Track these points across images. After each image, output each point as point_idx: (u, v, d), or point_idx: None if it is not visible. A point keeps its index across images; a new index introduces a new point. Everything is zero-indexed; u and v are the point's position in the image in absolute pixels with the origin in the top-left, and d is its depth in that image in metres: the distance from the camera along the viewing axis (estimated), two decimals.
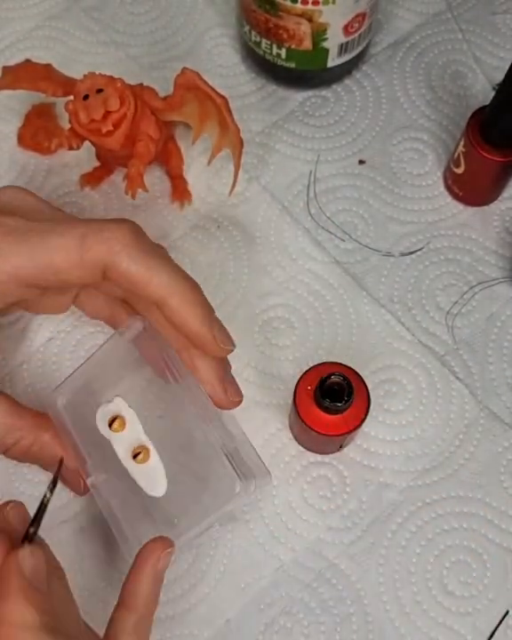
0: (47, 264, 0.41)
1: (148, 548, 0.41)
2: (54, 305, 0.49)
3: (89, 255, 0.41)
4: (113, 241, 0.41)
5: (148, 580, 0.41)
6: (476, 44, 0.62)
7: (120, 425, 0.44)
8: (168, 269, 0.42)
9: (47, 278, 0.42)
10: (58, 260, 0.41)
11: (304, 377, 0.46)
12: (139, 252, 0.41)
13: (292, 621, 0.48)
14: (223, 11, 0.62)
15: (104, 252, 0.41)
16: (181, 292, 0.41)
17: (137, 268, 0.41)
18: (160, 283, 0.41)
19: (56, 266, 0.41)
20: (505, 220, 0.57)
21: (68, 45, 0.61)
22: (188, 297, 0.42)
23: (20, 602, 0.36)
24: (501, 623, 0.48)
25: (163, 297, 0.41)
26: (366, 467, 0.51)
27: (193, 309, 0.42)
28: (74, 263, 0.41)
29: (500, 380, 0.53)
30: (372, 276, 0.55)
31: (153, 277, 0.41)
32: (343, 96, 0.60)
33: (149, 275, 0.41)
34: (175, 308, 0.41)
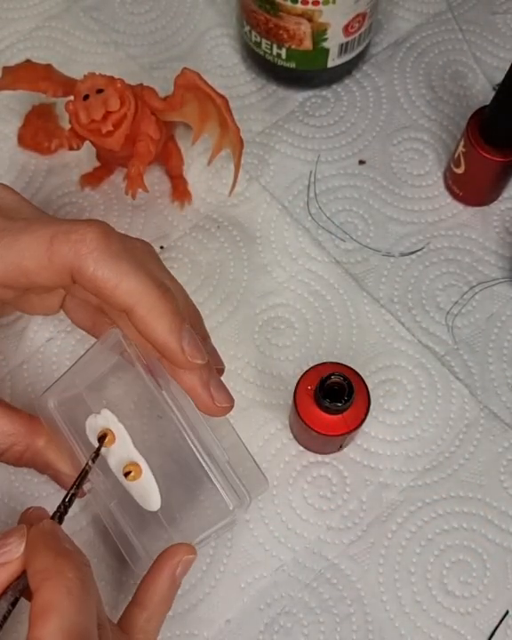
0: (16, 265, 0.40)
1: (169, 551, 0.41)
2: (43, 305, 0.48)
3: (56, 258, 0.39)
4: (80, 244, 0.39)
5: (165, 583, 0.41)
6: (476, 44, 0.62)
7: (110, 440, 0.43)
8: (137, 275, 0.39)
9: (18, 279, 0.41)
10: (27, 261, 0.40)
11: (304, 377, 0.46)
12: (106, 257, 0.39)
13: (291, 621, 0.48)
14: (223, 11, 0.62)
15: (71, 256, 0.39)
16: (150, 300, 0.39)
17: (103, 272, 0.39)
18: (127, 290, 0.39)
19: (25, 267, 0.40)
20: (505, 220, 0.57)
21: (67, 45, 0.61)
22: (156, 306, 0.39)
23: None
24: (501, 623, 0.48)
25: (129, 304, 0.39)
26: (366, 467, 0.51)
27: (161, 319, 0.39)
28: (42, 265, 0.40)
29: (500, 380, 0.53)
30: (373, 277, 0.55)
31: (121, 283, 0.39)
32: (343, 96, 0.60)
33: (117, 280, 0.39)
34: (142, 316, 0.39)
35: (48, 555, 0.36)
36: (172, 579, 0.41)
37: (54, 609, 0.34)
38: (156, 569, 0.41)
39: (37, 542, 0.36)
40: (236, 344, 0.53)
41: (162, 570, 0.41)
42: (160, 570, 0.41)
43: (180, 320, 0.40)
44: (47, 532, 0.37)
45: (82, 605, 0.34)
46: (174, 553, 0.41)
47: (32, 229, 0.40)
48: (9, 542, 0.36)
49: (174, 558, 0.41)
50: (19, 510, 0.49)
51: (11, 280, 0.41)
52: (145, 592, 0.41)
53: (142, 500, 0.43)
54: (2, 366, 0.53)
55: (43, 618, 0.33)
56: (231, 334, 0.53)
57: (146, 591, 0.41)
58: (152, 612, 0.41)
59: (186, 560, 0.41)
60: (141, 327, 0.40)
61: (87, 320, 0.48)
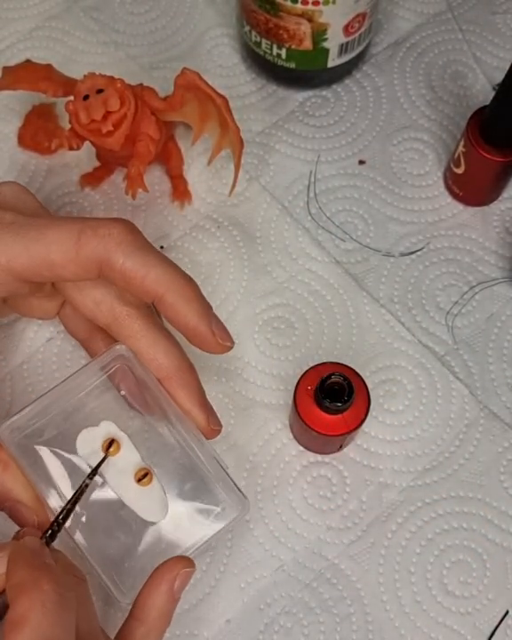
0: (43, 258, 0.41)
1: (166, 565, 0.40)
2: (41, 309, 0.48)
3: (84, 251, 0.41)
4: (108, 237, 0.41)
5: (162, 597, 0.40)
6: (476, 44, 0.62)
7: (117, 448, 0.43)
8: (164, 265, 0.41)
9: (42, 273, 0.41)
10: (54, 254, 0.41)
11: (304, 377, 0.46)
12: (134, 249, 0.41)
13: (291, 621, 0.48)
14: (223, 11, 0.62)
15: (100, 249, 0.41)
16: (178, 287, 0.41)
17: (132, 263, 0.41)
18: (156, 278, 0.41)
19: (51, 260, 0.41)
20: (505, 220, 0.57)
21: (68, 45, 0.61)
22: (184, 292, 0.41)
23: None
24: (501, 623, 0.48)
25: (159, 292, 0.41)
26: (366, 467, 0.51)
27: (190, 304, 0.41)
28: (69, 258, 0.41)
29: (500, 380, 0.53)
30: (372, 276, 0.55)
31: (149, 273, 0.41)
32: (343, 96, 0.60)
33: (145, 270, 0.41)
34: (172, 304, 0.41)
35: (25, 569, 0.35)
36: (169, 593, 0.40)
37: (27, 622, 0.33)
38: (153, 583, 0.40)
39: (17, 558, 0.36)
40: (236, 344, 0.53)
41: (159, 584, 0.40)
42: (157, 584, 0.40)
43: (207, 305, 0.42)
44: (27, 548, 0.37)
45: (57, 619, 0.33)
46: (172, 566, 0.40)
47: (58, 224, 0.41)
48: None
49: (172, 572, 0.40)
50: None
51: (34, 273, 0.42)
52: (142, 607, 0.40)
53: (146, 510, 0.42)
54: (2, 366, 0.53)
55: (15, 631, 0.33)
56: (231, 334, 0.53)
57: (143, 606, 0.40)
58: (150, 626, 0.40)
59: (184, 573, 0.40)
60: (172, 313, 0.41)
61: (83, 332, 0.48)
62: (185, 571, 0.40)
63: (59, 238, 0.41)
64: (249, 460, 0.51)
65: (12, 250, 0.41)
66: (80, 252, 0.41)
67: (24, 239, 0.41)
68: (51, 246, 0.41)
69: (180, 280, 0.41)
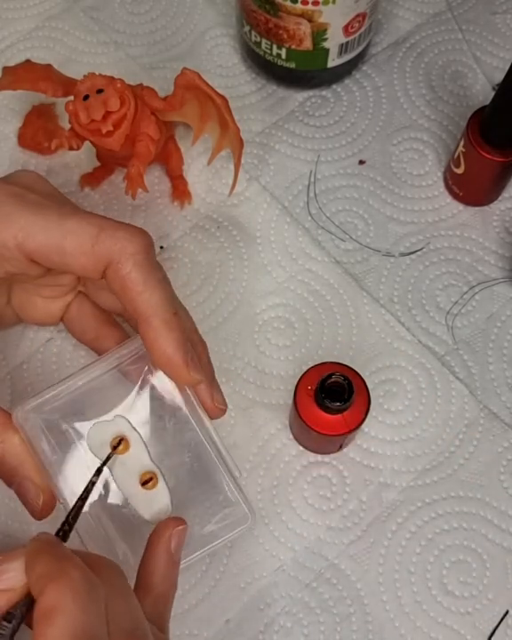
0: (58, 242, 0.41)
1: (159, 528, 0.40)
2: (46, 311, 0.49)
3: (99, 248, 0.41)
4: (126, 242, 0.41)
5: (162, 560, 0.39)
6: (476, 44, 0.62)
7: (126, 447, 0.42)
8: (162, 292, 0.42)
9: (51, 257, 0.42)
10: (68, 243, 0.41)
11: (304, 377, 0.46)
12: (145, 264, 0.42)
13: (291, 621, 0.48)
14: (223, 11, 0.62)
15: (116, 250, 0.41)
16: (165, 315, 0.41)
17: (136, 277, 0.41)
18: (150, 300, 0.41)
19: (65, 247, 0.41)
20: (505, 220, 0.57)
21: (68, 45, 0.61)
22: (170, 322, 0.41)
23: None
24: (501, 623, 0.48)
25: (147, 313, 0.41)
26: (366, 467, 0.51)
27: (172, 333, 0.41)
28: (83, 250, 0.41)
29: (500, 380, 0.53)
30: (372, 276, 0.55)
31: (145, 292, 0.41)
32: (343, 96, 0.60)
33: (144, 288, 0.41)
34: (155, 328, 0.41)
35: (49, 559, 0.34)
36: (168, 554, 0.40)
37: (59, 611, 0.32)
38: (150, 548, 0.40)
39: (37, 552, 0.34)
40: (235, 344, 0.53)
41: (156, 548, 0.40)
42: (154, 549, 0.40)
43: (186, 338, 0.42)
44: (44, 541, 0.35)
45: (89, 606, 0.33)
46: (164, 528, 0.40)
47: (81, 216, 0.42)
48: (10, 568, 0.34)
49: (165, 533, 0.40)
50: (19, 511, 0.49)
51: (44, 256, 0.42)
52: (144, 575, 0.39)
53: (149, 512, 0.42)
54: (2, 366, 0.53)
55: (47, 620, 0.32)
56: (231, 334, 0.53)
57: (145, 573, 0.39)
58: (156, 593, 0.39)
59: (177, 532, 0.40)
60: (152, 337, 0.41)
61: (91, 331, 0.49)
62: (178, 529, 0.40)
63: (78, 228, 0.41)
64: (249, 460, 0.51)
65: (30, 227, 0.41)
66: (95, 248, 0.41)
67: (44, 221, 0.42)
68: (68, 234, 0.41)
69: (168, 309, 0.42)
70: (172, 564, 0.40)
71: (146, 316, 0.41)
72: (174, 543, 0.40)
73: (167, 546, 0.40)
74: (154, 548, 0.40)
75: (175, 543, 0.40)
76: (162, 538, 0.40)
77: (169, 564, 0.40)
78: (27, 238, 0.41)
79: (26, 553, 0.34)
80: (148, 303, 0.41)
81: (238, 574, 0.49)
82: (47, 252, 0.42)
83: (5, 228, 0.42)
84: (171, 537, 0.40)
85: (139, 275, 0.41)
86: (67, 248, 0.41)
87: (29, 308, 0.49)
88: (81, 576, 0.33)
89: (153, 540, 0.40)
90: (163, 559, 0.40)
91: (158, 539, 0.40)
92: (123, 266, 0.41)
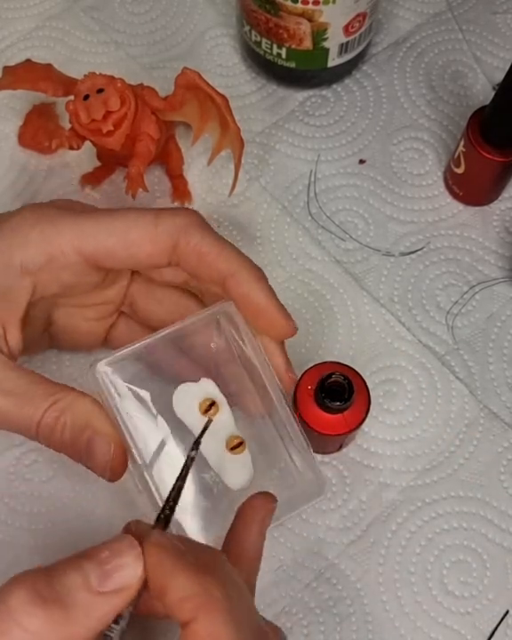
0: (121, 235, 0.42)
1: (254, 503, 0.38)
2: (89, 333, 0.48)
3: (163, 227, 0.42)
4: (184, 217, 0.43)
5: (254, 540, 0.38)
6: (476, 44, 0.62)
7: (216, 410, 0.41)
8: (234, 247, 0.43)
9: (117, 254, 0.42)
10: (133, 231, 0.42)
11: (304, 377, 0.46)
12: (207, 230, 0.43)
13: (291, 621, 0.48)
14: (223, 11, 0.62)
15: (178, 224, 0.42)
16: (249, 267, 0.42)
17: (210, 241, 0.42)
18: (229, 257, 0.42)
19: (130, 238, 0.42)
20: (505, 220, 0.57)
21: (68, 45, 0.61)
22: (255, 272, 0.43)
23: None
24: (501, 623, 0.48)
25: (232, 270, 0.42)
26: (366, 467, 0.51)
27: (261, 283, 0.42)
28: (148, 236, 0.42)
29: (500, 380, 0.53)
30: (373, 276, 0.55)
31: (223, 251, 0.42)
32: (343, 96, 0.60)
33: (220, 248, 0.42)
34: (243, 281, 0.42)
35: (189, 577, 0.31)
36: (260, 533, 0.38)
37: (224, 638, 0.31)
38: (243, 525, 0.38)
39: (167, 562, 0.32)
40: None
41: (250, 526, 0.38)
42: (248, 526, 0.38)
43: (272, 289, 0.43)
44: (170, 547, 0.33)
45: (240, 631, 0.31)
46: (259, 505, 0.38)
47: (131, 209, 0.43)
48: (123, 563, 0.32)
49: (261, 512, 0.38)
50: (19, 510, 0.49)
51: (104, 254, 0.42)
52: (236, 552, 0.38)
53: (232, 477, 0.42)
54: None
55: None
56: None
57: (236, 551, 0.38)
58: (248, 571, 0.37)
59: (270, 509, 0.38)
60: (243, 291, 0.42)
61: None
62: (271, 507, 0.39)
63: (136, 218, 0.42)
64: None
65: (86, 230, 0.42)
66: (159, 228, 0.42)
67: (96, 222, 0.42)
68: (131, 224, 0.42)
69: (250, 261, 0.43)
70: (261, 541, 0.38)
71: (232, 273, 0.42)
72: (266, 521, 0.39)
73: (260, 525, 0.38)
74: (246, 526, 0.38)
75: (267, 522, 0.39)
76: (256, 516, 0.38)
77: (260, 540, 0.38)
78: (84, 241, 0.42)
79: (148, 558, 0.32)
80: (232, 260, 0.42)
81: None
82: (111, 250, 0.42)
83: (60, 235, 0.42)
84: (265, 516, 0.38)
85: (212, 239, 0.42)
86: (132, 238, 0.42)
87: (72, 333, 0.48)
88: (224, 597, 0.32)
89: (245, 517, 0.38)
90: (254, 537, 0.38)
91: (251, 517, 0.38)
92: (193, 236, 0.42)
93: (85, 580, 0.31)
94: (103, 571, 0.32)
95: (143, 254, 0.42)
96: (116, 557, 0.32)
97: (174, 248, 0.42)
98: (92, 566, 0.32)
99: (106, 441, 0.40)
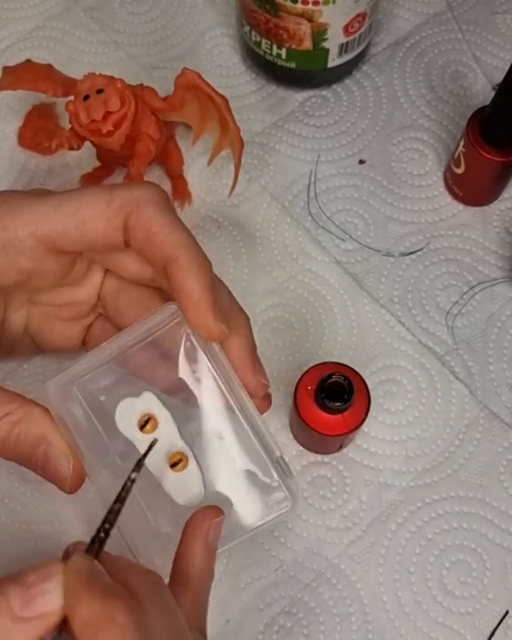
0: (72, 213, 0.40)
1: (195, 519, 0.38)
2: (64, 335, 0.47)
3: (115, 203, 0.40)
4: (141, 191, 0.40)
5: (200, 553, 0.37)
6: (476, 44, 0.62)
7: (153, 426, 0.40)
8: (187, 231, 0.40)
9: (70, 234, 0.40)
10: (84, 209, 0.40)
11: (304, 377, 0.46)
12: (163, 207, 0.40)
13: (291, 621, 0.48)
14: (223, 11, 0.62)
15: (132, 199, 0.40)
16: (194, 252, 0.40)
17: (161, 219, 0.40)
18: (178, 239, 0.39)
19: (81, 215, 0.40)
20: (505, 220, 0.57)
21: (68, 45, 0.61)
22: (199, 258, 0.40)
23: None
24: (501, 623, 0.48)
25: (176, 253, 0.39)
26: (366, 467, 0.51)
27: (202, 273, 0.39)
28: (100, 212, 0.40)
29: (500, 380, 0.53)
30: (373, 276, 0.55)
31: (173, 232, 0.40)
32: (343, 96, 0.60)
33: (170, 229, 0.40)
34: (185, 267, 0.39)
35: (93, 600, 0.30)
36: (206, 548, 0.37)
37: None
38: (187, 540, 0.37)
39: (76, 588, 0.31)
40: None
41: (193, 541, 0.37)
42: (191, 541, 0.37)
43: (215, 283, 0.40)
44: (83, 573, 0.32)
45: None
46: (202, 518, 0.37)
47: (91, 188, 0.42)
48: (48, 589, 0.31)
49: (203, 525, 0.37)
50: (19, 510, 0.49)
51: (59, 235, 0.40)
52: (181, 569, 0.37)
53: (180, 492, 0.40)
54: (2, 366, 0.53)
55: None
56: None
57: (181, 568, 0.37)
58: (195, 589, 0.37)
59: (215, 524, 0.37)
60: (181, 277, 0.39)
61: None
62: (215, 521, 0.38)
63: (90, 195, 0.40)
64: None
65: (40, 212, 0.40)
66: (111, 204, 0.40)
67: (53, 198, 0.41)
68: (82, 201, 0.40)
69: (197, 248, 0.40)
70: (209, 556, 0.37)
71: (175, 256, 0.39)
72: (212, 535, 0.37)
73: (205, 539, 0.37)
74: (190, 541, 0.37)
75: (213, 535, 0.37)
76: (198, 530, 0.37)
77: (206, 556, 0.37)
78: (38, 223, 0.40)
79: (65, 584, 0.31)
80: (178, 243, 0.39)
81: (238, 574, 0.49)
82: (64, 230, 0.40)
83: (14, 219, 0.40)
84: (208, 529, 0.37)
85: (163, 217, 0.40)
86: (84, 215, 0.40)
87: (48, 333, 0.47)
88: (129, 622, 0.30)
89: (189, 532, 0.37)
90: (200, 552, 0.37)
91: (194, 531, 0.37)
92: (144, 211, 0.40)
93: (7, 605, 0.31)
94: (27, 595, 0.31)
95: (96, 232, 0.40)
96: (41, 582, 0.31)
97: (126, 222, 0.40)
98: (16, 590, 0.31)
99: (64, 456, 0.39)
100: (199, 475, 0.40)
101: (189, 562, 0.37)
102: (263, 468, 0.40)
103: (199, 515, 0.38)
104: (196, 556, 0.37)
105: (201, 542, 0.37)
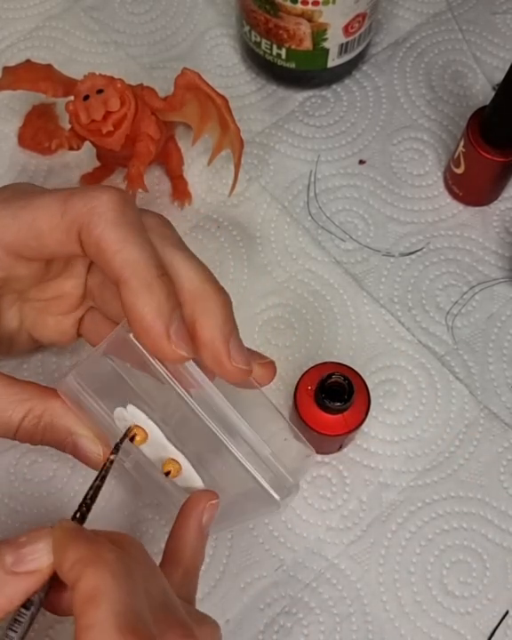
0: (29, 224, 0.38)
1: (191, 500, 0.39)
2: (57, 329, 0.47)
3: (69, 214, 0.37)
4: (96, 200, 0.37)
5: (193, 535, 0.38)
6: (476, 44, 0.62)
7: (143, 438, 0.40)
8: (142, 249, 0.37)
9: (29, 243, 0.39)
10: (40, 220, 0.38)
11: (304, 377, 0.46)
12: (118, 221, 0.37)
13: (291, 621, 0.48)
14: (223, 11, 0.62)
15: (84, 211, 0.37)
16: (146, 276, 0.36)
17: (109, 235, 0.37)
18: (127, 259, 0.36)
19: (38, 227, 0.38)
20: (505, 220, 0.57)
21: (68, 45, 0.61)
22: (151, 283, 0.36)
23: None
24: (501, 623, 0.48)
25: (124, 275, 0.36)
26: (366, 467, 0.51)
27: (152, 297, 0.36)
28: (55, 224, 0.38)
29: (500, 380, 0.53)
30: (372, 276, 0.55)
31: (122, 250, 0.36)
32: (343, 96, 0.60)
33: (119, 247, 0.36)
34: (133, 291, 0.36)
35: (81, 544, 0.33)
36: (199, 529, 0.38)
37: (102, 594, 0.31)
38: (182, 521, 0.38)
39: (64, 539, 0.34)
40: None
41: (188, 521, 0.38)
42: (186, 521, 0.38)
43: (172, 305, 0.37)
44: (69, 528, 0.34)
45: (129, 587, 0.32)
46: (197, 501, 0.38)
47: (50, 192, 0.40)
48: (38, 549, 0.34)
49: (198, 506, 0.38)
50: (19, 510, 0.49)
51: (22, 244, 0.39)
52: (174, 548, 0.38)
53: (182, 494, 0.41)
54: (2, 366, 0.53)
55: (91, 605, 0.31)
56: None
57: (174, 546, 0.38)
58: (186, 566, 0.38)
59: (210, 506, 0.38)
60: (130, 300, 0.36)
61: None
62: (211, 503, 0.39)
63: (46, 203, 0.38)
64: None
65: (3, 223, 0.39)
66: (65, 216, 0.37)
67: (12, 208, 0.39)
68: (38, 211, 0.38)
69: (150, 270, 0.36)
70: (201, 537, 0.39)
71: (124, 278, 0.36)
72: (206, 517, 0.38)
73: (199, 520, 0.38)
74: (185, 522, 0.38)
75: (207, 517, 0.38)
76: (194, 511, 0.38)
77: (200, 538, 0.38)
78: (2, 233, 0.39)
79: (53, 540, 0.34)
80: (126, 262, 0.36)
81: (238, 574, 0.49)
82: (24, 239, 0.39)
83: None
84: (203, 510, 0.38)
85: (113, 233, 0.37)
86: (40, 227, 0.38)
87: (42, 328, 0.47)
88: (116, 558, 0.32)
89: (184, 513, 0.39)
90: (194, 533, 0.38)
91: (190, 512, 0.38)
92: (94, 226, 0.37)
93: (1, 560, 0.33)
94: (18, 554, 0.34)
95: (55, 244, 0.38)
96: (31, 543, 0.34)
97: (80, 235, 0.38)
98: (8, 549, 0.34)
99: (91, 442, 0.41)
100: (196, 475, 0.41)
101: (183, 540, 0.38)
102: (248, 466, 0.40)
103: (195, 496, 0.39)
104: (189, 536, 0.38)
105: (195, 523, 0.38)
